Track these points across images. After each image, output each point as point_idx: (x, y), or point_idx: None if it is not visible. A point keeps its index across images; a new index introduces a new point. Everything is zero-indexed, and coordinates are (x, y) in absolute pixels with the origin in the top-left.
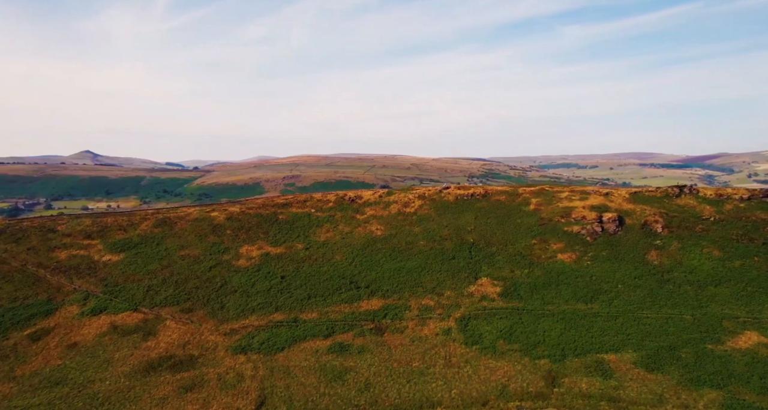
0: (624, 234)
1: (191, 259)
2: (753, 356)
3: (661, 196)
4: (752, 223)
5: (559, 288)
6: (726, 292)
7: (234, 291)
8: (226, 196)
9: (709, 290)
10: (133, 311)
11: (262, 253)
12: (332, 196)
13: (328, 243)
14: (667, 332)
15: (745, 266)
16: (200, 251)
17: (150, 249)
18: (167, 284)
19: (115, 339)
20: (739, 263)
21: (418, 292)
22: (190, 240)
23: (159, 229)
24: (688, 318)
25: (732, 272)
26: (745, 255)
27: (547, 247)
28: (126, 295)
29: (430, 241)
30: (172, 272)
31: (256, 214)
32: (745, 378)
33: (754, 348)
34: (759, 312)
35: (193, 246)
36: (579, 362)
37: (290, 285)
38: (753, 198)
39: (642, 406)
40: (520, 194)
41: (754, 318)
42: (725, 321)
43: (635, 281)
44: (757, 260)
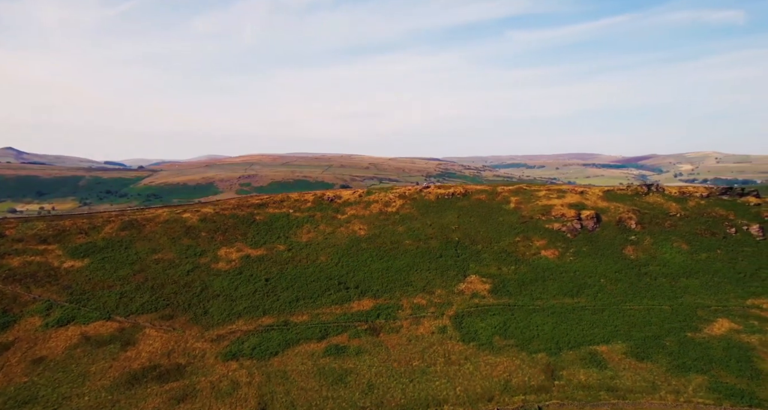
0: (601, 231)
1: (166, 263)
2: (728, 341)
3: (632, 194)
4: (713, 219)
5: (545, 284)
6: (696, 283)
7: (216, 296)
8: (177, 196)
9: (682, 282)
10: (106, 320)
11: (242, 256)
12: (310, 196)
13: (310, 244)
14: (650, 322)
15: (711, 258)
16: (175, 254)
17: (118, 254)
18: (142, 290)
19: (89, 350)
20: (705, 255)
21: (408, 291)
22: (162, 243)
23: (126, 232)
24: (667, 308)
25: (699, 264)
26: (709, 249)
27: (530, 244)
28: (96, 303)
29: (415, 240)
30: (146, 277)
31: (231, 215)
32: (725, 363)
33: (728, 334)
34: (726, 300)
35: (167, 249)
36: (574, 354)
37: (276, 288)
38: (711, 195)
39: (638, 394)
40: (500, 193)
41: (723, 306)
42: (699, 310)
43: (616, 275)
44: (719, 253)
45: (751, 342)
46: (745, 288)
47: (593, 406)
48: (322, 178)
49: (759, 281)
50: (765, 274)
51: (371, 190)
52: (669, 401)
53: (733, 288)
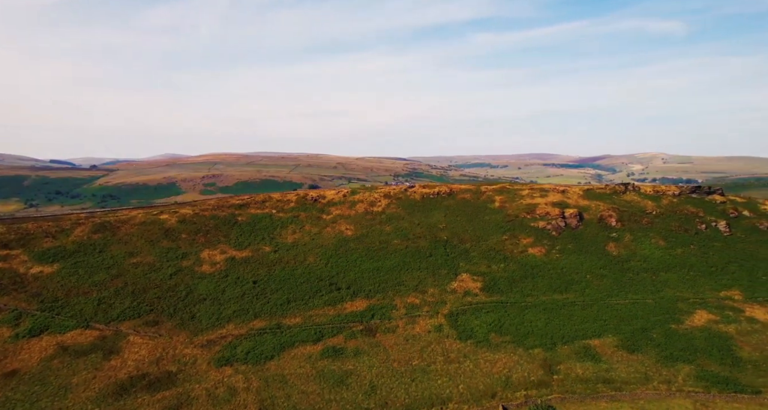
0: (584, 228)
1: (146, 267)
2: (708, 332)
3: (610, 193)
4: (685, 216)
5: (535, 281)
6: (675, 277)
7: (203, 300)
8: (136, 197)
9: (662, 276)
10: (84, 328)
11: (226, 258)
12: (293, 196)
13: (297, 245)
14: (637, 316)
15: (686, 253)
16: (154, 258)
17: (92, 258)
18: (122, 296)
19: (68, 361)
20: (680, 251)
21: (401, 291)
22: (139, 246)
23: (98, 235)
24: (650, 302)
25: (676, 259)
26: (683, 244)
27: (517, 242)
28: (71, 311)
29: (404, 240)
30: (125, 282)
31: (212, 216)
32: (708, 352)
33: (707, 325)
34: (702, 293)
35: (145, 252)
36: (569, 349)
37: (265, 290)
38: (682, 194)
39: (633, 385)
40: (484, 192)
41: (701, 298)
42: (679, 302)
43: (600, 271)
44: (693, 248)
45: (728, 331)
46: (717, 281)
47: (593, 399)
48: (289, 178)
49: (729, 274)
50: (734, 268)
51: (355, 189)
52: (662, 390)
53: (707, 281)
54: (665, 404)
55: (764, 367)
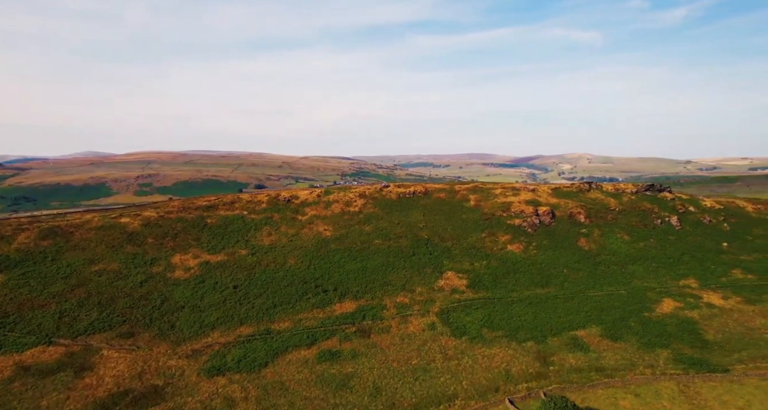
0: (557, 225)
1: (111, 275)
2: (676, 318)
3: (576, 191)
4: (643, 212)
5: (516, 276)
6: (640, 269)
7: (180, 308)
8: (58, 198)
9: (629, 268)
10: (47, 345)
11: (200, 262)
12: (264, 197)
13: (275, 247)
14: (613, 306)
15: (647, 247)
16: (119, 264)
17: (44, 267)
18: (87, 307)
19: (32, 383)
20: (642, 244)
21: (389, 291)
22: (99, 252)
23: (48, 242)
24: (623, 292)
25: (640, 252)
26: (644, 238)
27: (496, 240)
28: (28, 327)
29: (385, 239)
30: (89, 292)
31: (179, 219)
32: (679, 337)
33: (674, 312)
34: (665, 282)
35: (107, 259)
36: (558, 340)
37: (248, 295)
38: (639, 191)
39: (622, 371)
40: (458, 191)
41: (664, 287)
42: (647, 292)
43: (575, 265)
44: (652, 241)
45: (693, 317)
46: (676, 271)
47: (590, 387)
48: (234, 178)
49: (684, 264)
50: (688, 258)
51: (329, 189)
52: (648, 375)
53: (667, 271)
54: (654, 387)
55: (728, 348)
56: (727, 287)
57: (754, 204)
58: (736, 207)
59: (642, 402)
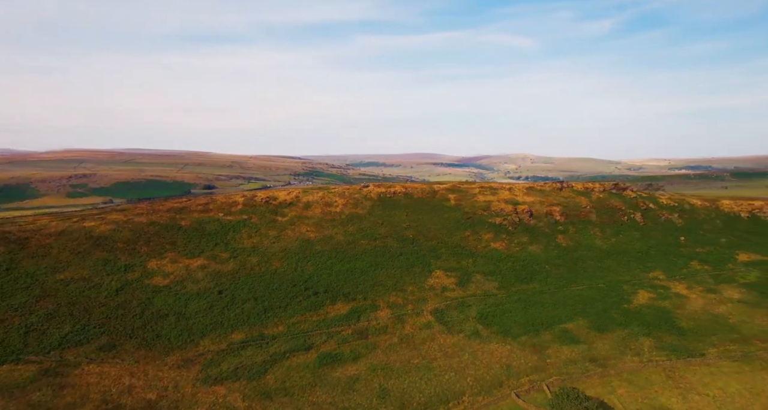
0: (536, 223)
1: (81, 284)
2: (652, 308)
3: (550, 190)
4: (611, 209)
5: (502, 273)
6: (614, 263)
7: (164, 316)
8: None
9: (605, 263)
10: (15, 363)
11: (180, 267)
12: (239, 198)
13: (257, 250)
14: (595, 299)
15: (618, 242)
16: (89, 272)
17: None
18: (57, 319)
19: (3, 405)
20: (614, 240)
21: (380, 291)
22: (64, 259)
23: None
24: (602, 286)
25: (612, 247)
26: (615, 234)
27: (479, 238)
28: None
29: (370, 240)
30: (58, 303)
31: (150, 222)
32: (658, 326)
33: (649, 302)
34: (638, 275)
35: (75, 266)
36: (550, 334)
37: (235, 300)
38: (605, 190)
39: (614, 360)
40: (437, 191)
41: (637, 280)
42: (623, 285)
43: (556, 261)
44: (622, 237)
45: (666, 306)
46: (645, 264)
47: (587, 377)
48: (180, 178)
49: (651, 258)
50: (654, 252)
51: (307, 189)
52: (636, 362)
53: (637, 264)
54: (644, 374)
55: (700, 333)
56: (689, 278)
57: (702, 201)
58: (687, 203)
59: (636, 389)
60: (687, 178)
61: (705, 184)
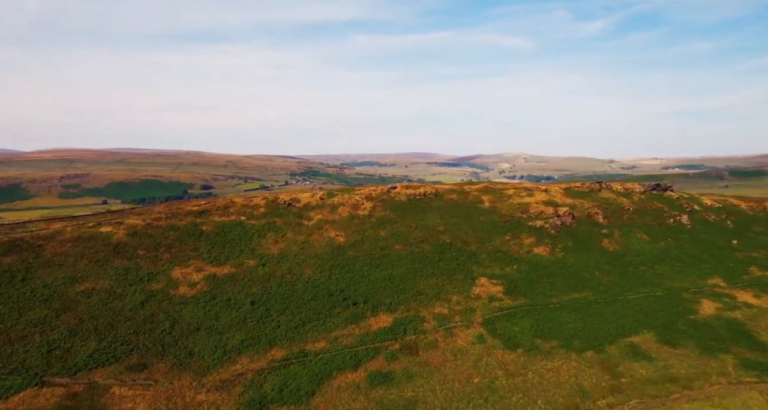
0: (578, 226)
1: (103, 295)
2: (722, 320)
3: (588, 191)
4: (655, 211)
5: (551, 281)
6: (667, 269)
7: (195, 330)
8: None
9: (657, 269)
10: (39, 387)
11: (206, 276)
12: (260, 201)
13: (286, 256)
14: (656, 309)
15: (667, 246)
16: (110, 282)
17: (13, 290)
18: (81, 335)
19: None
20: (662, 244)
21: (423, 301)
22: (82, 268)
23: (12, 257)
24: (660, 294)
25: (662, 252)
26: (663, 238)
27: (521, 242)
28: (9, 365)
29: (405, 245)
30: (80, 317)
31: (170, 227)
32: (734, 340)
33: (717, 313)
34: (695, 282)
35: (94, 276)
36: (617, 349)
37: (269, 312)
38: (646, 191)
39: (698, 381)
40: (469, 192)
41: (697, 287)
42: (682, 293)
43: (605, 267)
44: (670, 241)
45: (737, 318)
46: (700, 270)
47: (673, 401)
48: (176, 178)
49: (705, 263)
50: (707, 257)
51: (331, 191)
52: (724, 384)
53: (693, 271)
54: (739, 399)
55: None
56: (753, 285)
57: (746, 201)
58: (731, 205)
59: None
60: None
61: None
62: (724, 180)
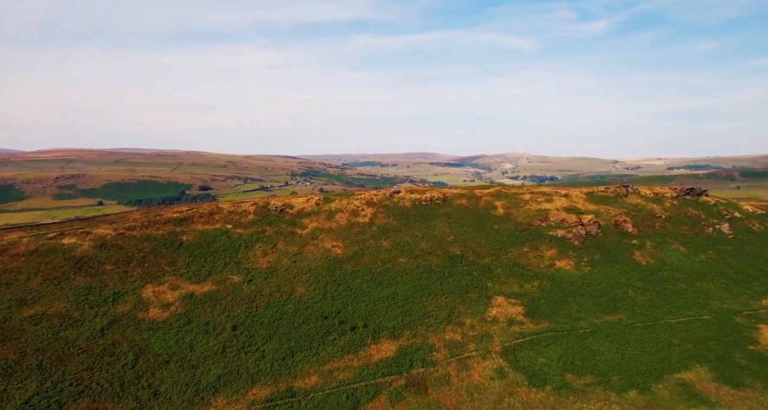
0: (604, 236)
1: (56, 321)
2: None
3: (614, 196)
4: (691, 219)
5: (577, 300)
6: (712, 287)
7: (164, 363)
8: None
9: (699, 286)
10: None
11: (182, 295)
12: (249, 206)
13: (275, 271)
14: (706, 336)
15: (709, 260)
16: (67, 305)
17: None
18: (20, 375)
19: None
20: (703, 257)
21: (432, 325)
22: (35, 288)
23: None
24: (708, 318)
25: (704, 266)
26: (702, 249)
27: (541, 255)
28: None
29: (411, 258)
30: (22, 350)
31: (145, 237)
32: None
33: None
34: (747, 303)
35: (48, 297)
36: (665, 389)
37: (253, 338)
38: (678, 196)
39: None
40: (480, 197)
41: (751, 310)
42: (734, 316)
43: (639, 284)
44: (711, 253)
45: None
46: (751, 288)
47: None
48: (174, 178)
49: (755, 280)
50: (756, 273)
51: (329, 196)
52: None
53: (741, 289)
54: None
55: None
56: None
57: None
58: None
59: None
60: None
61: (715, 183)
62: (735, 181)
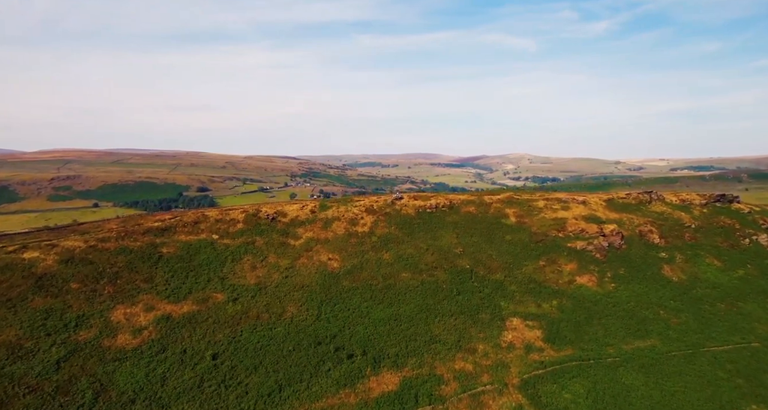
0: (629, 248)
1: (3, 353)
2: None
3: (636, 203)
4: (723, 229)
5: (603, 323)
6: (756, 308)
7: (129, 402)
8: None
9: (741, 307)
10: None
11: (157, 317)
12: (238, 214)
13: (264, 287)
14: (759, 369)
15: (748, 276)
16: (19, 331)
17: None
18: None
19: None
20: (741, 272)
21: (440, 352)
22: None
23: None
24: (758, 345)
25: (743, 283)
26: (740, 264)
27: (559, 270)
28: None
29: (415, 272)
30: None
31: (120, 249)
32: None
33: None
34: None
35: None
36: None
37: (235, 370)
38: (708, 203)
39: None
40: (490, 204)
41: None
42: None
43: (672, 304)
44: (750, 268)
45: None
46: None
47: None
48: (172, 180)
49: None
50: None
51: (325, 203)
52: None
53: None
54: None
55: None
56: None
57: None
58: None
59: None
60: (702, 179)
61: (722, 185)
62: (742, 182)
